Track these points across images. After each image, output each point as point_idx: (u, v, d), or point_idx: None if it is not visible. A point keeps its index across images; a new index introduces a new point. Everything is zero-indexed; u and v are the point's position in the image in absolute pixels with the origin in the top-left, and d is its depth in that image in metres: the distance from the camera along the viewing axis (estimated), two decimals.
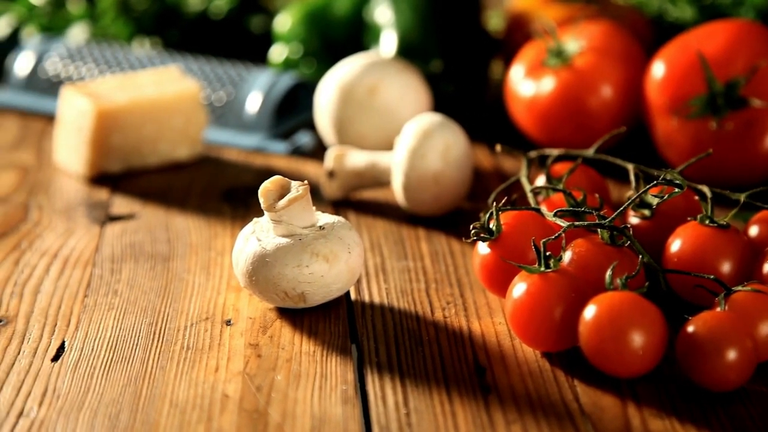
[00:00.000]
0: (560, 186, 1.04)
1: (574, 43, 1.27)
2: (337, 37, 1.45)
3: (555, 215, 0.97)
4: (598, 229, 0.96)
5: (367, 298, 1.03)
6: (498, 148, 1.13)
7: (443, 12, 1.40)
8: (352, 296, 1.03)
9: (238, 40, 1.62)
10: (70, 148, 1.28)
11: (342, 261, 0.98)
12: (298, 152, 1.35)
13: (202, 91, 1.34)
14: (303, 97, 1.43)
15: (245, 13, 1.64)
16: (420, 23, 1.39)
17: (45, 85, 1.47)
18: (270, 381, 0.89)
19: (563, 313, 0.89)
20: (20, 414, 0.86)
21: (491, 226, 0.98)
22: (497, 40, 1.48)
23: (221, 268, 1.08)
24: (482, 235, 0.98)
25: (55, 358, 0.93)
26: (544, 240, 0.92)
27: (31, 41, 1.52)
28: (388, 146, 1.26)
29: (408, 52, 1.37)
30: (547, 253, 0.91)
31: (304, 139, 1.36)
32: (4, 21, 1.64)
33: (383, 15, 1.41)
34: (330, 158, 1.20)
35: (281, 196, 0.98)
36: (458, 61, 1.39)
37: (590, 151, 1.09)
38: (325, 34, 1.46)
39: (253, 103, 1.39)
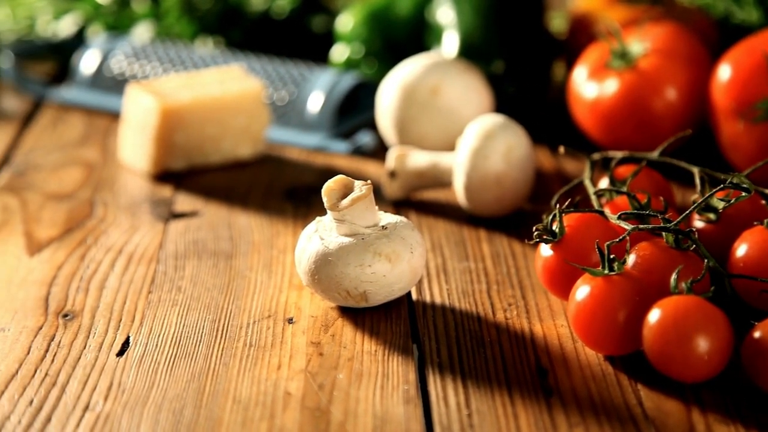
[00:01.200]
0: (624, 188, 1.04)
1: (638, 44, 1.26)
2: (399, 37, 1.45)
3: (619, 218, 0.97)
4: (663, 233, 0.95)
5: (428, 299, 1.03)
6: (561, 149, 1.12)
7: (506, 13, 1.40)
8: (414, 296, 1.03)
9: (299, 40, 1.63)
10: (135, 146, 1.30)
11: (404, 261, 0.98)
12: (359, 152, 1.36)
13: (264, 90, 1.35)
14: (364, 97, 1.44)
15: (307, 12, 1.65)
16: (482, 24, 1.39)
17: (110, 83, 1.48)
18: (332, 379, 0.90)
19: (627, 316, 0.89)
20: (86, 407, 0.87)
21: (554, 227, 0.98)
22: (560, 41, 1.47)
23: (283, 267, 1.08)
24: (545, 236, 0.98)
25: (120, 353, 0.94)
26: (608, 242, 0.91)
27: (97, 40, 1.54)
28: (450, 147, 1.26)
29: (470, 52, 1.37)
30: (611, 256, 0.91)
31: (365, 138, 1.36)
32: (70, 20, 1.66)
33: (445, 15, 1.41)
34: (391, 158, 1.21)
35: (344, 196, 0.99)
36: (520, 62, 1.38)
37: (655, 154, 1.08)
38: (386, 34, 1.46)
39: (315, 102, 1.39)
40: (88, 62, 1.50)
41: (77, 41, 1.61)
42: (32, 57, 1.61)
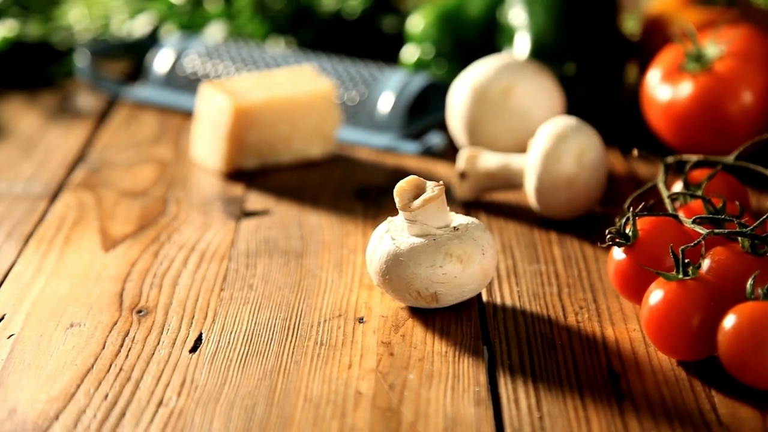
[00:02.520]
0: (699, 192, 1.02)
1: (713, 47, 1.24)
2: (470, 38, 1.45)
3: (694, 222, 0.96)
4: (739, 238, 0.94)
5: (498, 301, 1.02)
6: (635, 152, 1.11)
7: (578, 14, 1.39)
8: (484, 298, 1.03)
9: (370, 40, 1.64)
10: (207, 144, 1.31)
11: (476, 262, 0.98)
12: (429, 152, 1.36)
13: (335, 90, 1.35)
14: (434, 98, 1.44)
15: (378, 13, 1.65)
16: (554, 25, 1.38)
17: (183, 82, 1.50)
18: (403, 379, 0.90)
19: (701, 321, 0.88)
20: (160, 403, 0.88)
21: (627, 231, 0.97)
22: (633, 43, 1.46)
23: (353, 266, 1.09)
24: (618, 240, 0.97)
25: (193, 350, 0.95)
26: (682, 247, 0.90)
27: (170, 39, 1.56)
28: (520, 148, 1.25)
29: (542, 54, 1.37)
30: (686, 261, 0.90)
31: (435, 139, 1.36)
32: (144, 19, 1.68)
33: (517, 16, 1.40)
34: (462, 159, 1.21)
35: (416, 196, 0.99)
36: (593, 64, 1.37)
37: (730, 158, 1.07)
38: (457, 35, 1.46)
39: (386, 102, 1.40)
40: (161, 61, 1.52)
41: (151, 40, 1.63)
42: (107, 56, 1.63)
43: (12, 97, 1.52)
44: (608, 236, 0.97)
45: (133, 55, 1.64)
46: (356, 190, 1.26)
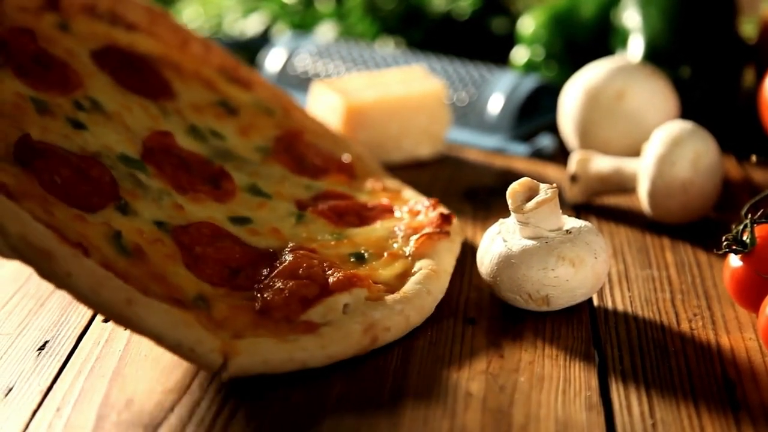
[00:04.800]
0: None
1: None
2: (581, 39, 1.44)
3: None
4: None
5: (610, 305, 1.01)
6: (753, 158, 1.10)
7: (694, 16, 1.37)
8: (595, 302, 1.02)
9: (480, 41, 1.64)
10: None
11: (588, 266, 0.97)
12: (538, 155, 1.35)
13: (445, 90, 1.35)
14: (544, 100, 1.43)
15: (488, 14, 1.65)
16: (669, 27, 1.36)
17: (294, 81, 1.52)
18: (513, 382, 0.90)
19: None
20: None
21: (744, 238, 0.95)
22: (750, 46, 1.43)
23: (462, 267, 1.08)
24: (734, 247, 0.95)
25: None
26: None
27: (282, 38, 1.58)
28: (633, 152, 1.24)
29: (656, 56, 1.35)
30: None
31: (545, 141, 1.35)
32: (256, 18, 1.71)
33: (631, 18, 1.39)
34: (573, 162, 1.20)
35: (529, 198, 0.98)
36: (708, 68, 1.35)
37: None
38: (568, 36, 1.45)
39: (495, 104, 1.39)
40: (273, 60, 1.54)
41: (263, 39, 1.66)
42: None
43: None
44: (725, 243, 0.96)
45: (245, 54, 1.66)
46: (465, 191, 1.26)
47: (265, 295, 0.93)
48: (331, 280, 0.95)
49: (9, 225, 0.82)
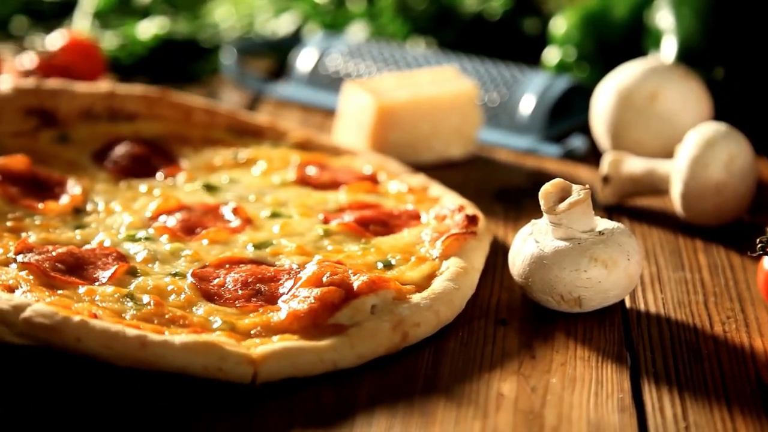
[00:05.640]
0: None
1: None
2: (614, 40, 1.44)
3: None
4: None
5: (642, 307, 1.01)
6: None
7: (728, 18, 1.36)
8: (627, 304, 1.02)
9: (511, 42, 1.63)
10: (350, 142, 1.32)
11: (621, 268, 0.96)
12: (570, 156, 1.35)
13: (477, 91, 1.35)
14: (576, 101, 1.42)
15: (520, 14, 1.65)
16: (703, 28, 1.35)
17: (325, 80, 1.52)
18: (545, 383, 0.89)
19: None
20: None
21: None
22: None
23: (494, 267, 1.08)
24: None
25: None
26: None
27: (314, 38, 1.58)
28: (666, 154, 1.23)
29: (689, 57, 1.34)
30: None
31: (576, 142, 1.35)
32: (288, 18, 1.71)
33: (664, 19, 1.38)
34: (606, 163, 1.19)
35: (561, 199, 0.98)
36: (742, 69, 1.34)
37: None
38: (600, 37, 1.44)
39: (527, 104, 1.39)
40: (305, 60, 1.54)
41: (295, 39, 1.66)
42: (252, 54, 1.66)
43: None
44: (759, 245, 0.95)
45: (276, 54, 1.67)
46: (496, 192, 1.26)
47: (290, 305, 0.94)
48: (356, 284, 0.95)
49: (11, 316, 0.87)
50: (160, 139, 1.25)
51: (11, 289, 0.93)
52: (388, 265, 1.02)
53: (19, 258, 0.97)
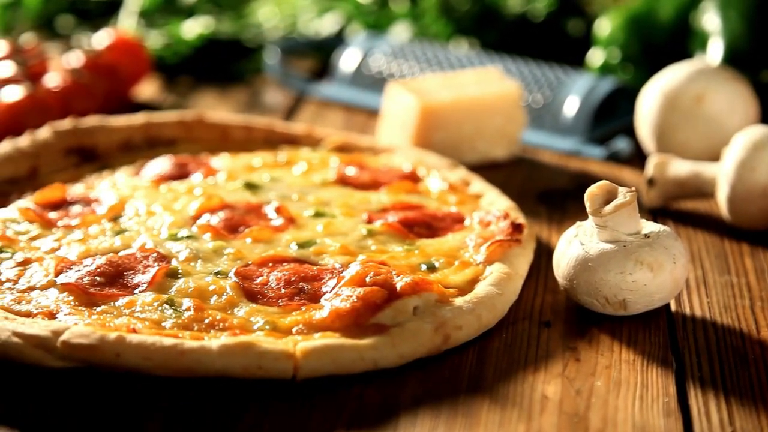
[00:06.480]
0: None
1: None
2: (659, 42, 1.43)
3: None
4: None
5: (687, 311, 1.00)
6: None
7: None
8: (672, 308, 1.01)
9: (555, 43, 1.63)
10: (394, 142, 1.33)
11: (666, 271, 0.96)
12: (614, 158, 1.34)
13: (521, 92, 1.35)
14: (621, 102, 1.42)
15: (564, 15, 1.64)
16: (750, 31, 1.34)
17: (368, 81, 1.52)
18: (590, 386, 0.89)
19: None
20: None
21: None
22: None
23: (537, 270, 1.08)
24: None
25: None
26: None
27: (357, 38, 1.59)
28: (712, 157, 1.23)
29: (736, 60, 1.33)
30: None
31: (621, 144, 1.34)
32: (331, 18, 1.71)
33: (711, 21, 1.37)
34: (651, 166, 1.19)
35: (607, 202, 0.98)
36: None
37: None
38: (645, 39, 1.44)
39: (571, 106, 1.38)
40: (348, 60, 1.55)
41: (338, 39, 1.66)
42: (295, 53, 1.67)
43: (205, 90, 1.57)
44: None
45: (320, 54, 1.67)
46: (540, 193, 1.26)
47: (333, 303, 0.94)
48: (399, 285, 0.95)
49: (51, 342, 0.88)
50: (195, 155, 1.27)
51: (53, 315, 0.93)
52: (431, 268, 1.02)
53: (59, 279, 0.98)
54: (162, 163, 1.22)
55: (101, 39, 1.53)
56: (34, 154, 1.21)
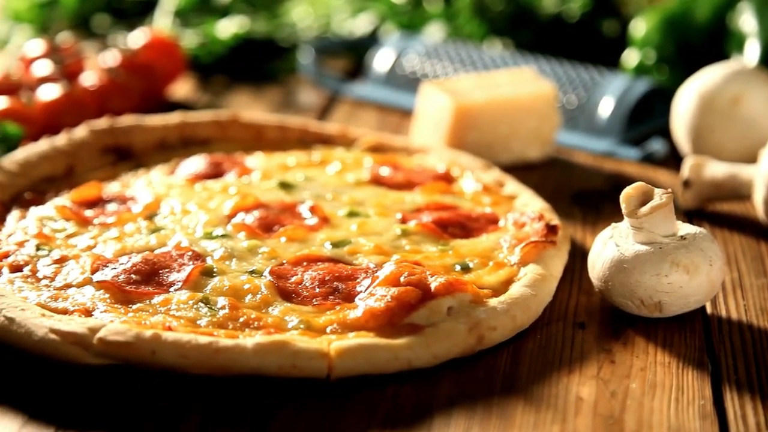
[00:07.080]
0: None
1: None
2: (694, 43, 1.42)
3: None
4: None
5: (723, 314, 1.00)
6: None
7: None
8: (708, 310, 1.00)
9: (590, 43, 1.62)
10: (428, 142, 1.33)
11: (702, 273, 0.95)
12: (649, 159, 1.33)
13: (556, 92, 1.34)
14: (656, 104, 1.41)
15: (598, 16, 1.63)
16: None
17: (402, 81, 1.52)
18: (624, 388, 0.89)
19: None
20: None
21: None
22: None
23: (572, 271, 1.08)
24: None
25: None
26: None
27: (391, 38, 1.59)
28: (748, 158, 1.22)
29: None
30: None
31: (656, 146, 1.34)
32: (365, 18, 1.72)
33: (748, 23, 1.36)
34: (687, 167, 1.18)
35: (643, 203, 0.97)
36: None
37: None
38: (681, 40, 1.43)
39: (606, 107, 1.38)
40: (382, 60, 1.55)
41: (372, 39, 1.66)
42: (329, 53, 1.67)
43: (239, 90, 1.58)
44: None
45: (353, 53, 1.67)
46: (574, 194, 1.25)
47: (367, 303, 0.94)
48: (433, 285, 0.95)
49: (88, 338, 0.89)
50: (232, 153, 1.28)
51: (89, 312, 0.94)
52: (465, 268, 1.02)
53: (96, 277, 0.98)
54: (197, 162, 1.22)
55: (137, 38, 1.54)
56: (70, 152, 1.22)
